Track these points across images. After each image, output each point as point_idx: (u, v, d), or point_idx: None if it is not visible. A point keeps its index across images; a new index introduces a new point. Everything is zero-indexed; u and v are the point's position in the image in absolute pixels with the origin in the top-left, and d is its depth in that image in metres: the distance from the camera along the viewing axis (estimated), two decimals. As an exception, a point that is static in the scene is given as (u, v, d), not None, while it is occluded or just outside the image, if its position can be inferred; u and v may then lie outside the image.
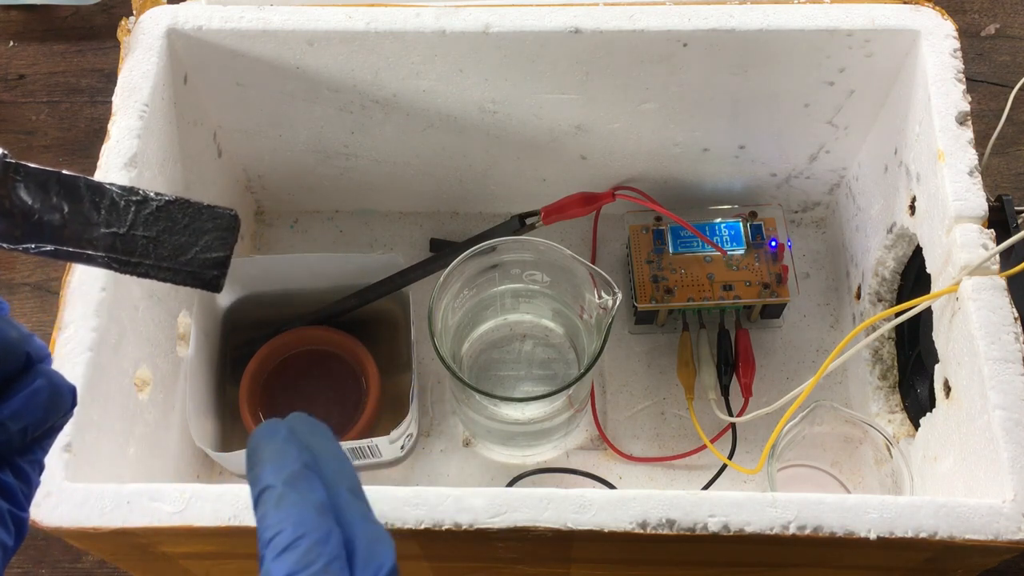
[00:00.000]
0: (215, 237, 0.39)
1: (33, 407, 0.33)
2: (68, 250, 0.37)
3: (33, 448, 0.33)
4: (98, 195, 0.37)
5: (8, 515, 0.32)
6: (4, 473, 0.33)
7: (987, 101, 0.78)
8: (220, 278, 0.39)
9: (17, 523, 0.33)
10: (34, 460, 0.34)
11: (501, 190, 0.70)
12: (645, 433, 0.65)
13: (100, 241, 0.37)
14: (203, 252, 0.39)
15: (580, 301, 0.61)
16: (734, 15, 0.58)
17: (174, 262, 0.38)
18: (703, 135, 0.65)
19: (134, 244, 0.38)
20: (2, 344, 0.32)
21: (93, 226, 0.37)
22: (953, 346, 0.51)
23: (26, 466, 0.33)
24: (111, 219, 0.37)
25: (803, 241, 0.72)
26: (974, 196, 0.52)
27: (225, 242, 0.39)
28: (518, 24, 0.58)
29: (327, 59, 0.59)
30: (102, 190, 0.37)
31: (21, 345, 0.33)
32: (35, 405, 0.33)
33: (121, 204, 0.38)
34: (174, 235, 0.38)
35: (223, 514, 0.45)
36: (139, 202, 0.38)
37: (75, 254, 0.37)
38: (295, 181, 0.70)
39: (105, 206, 0.37)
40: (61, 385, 0.34)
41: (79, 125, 0.79)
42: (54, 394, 0.33)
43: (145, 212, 0.38)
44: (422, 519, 0.45)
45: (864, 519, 0.44)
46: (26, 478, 0.33)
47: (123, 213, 0.38)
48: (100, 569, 0.63)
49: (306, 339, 0.66)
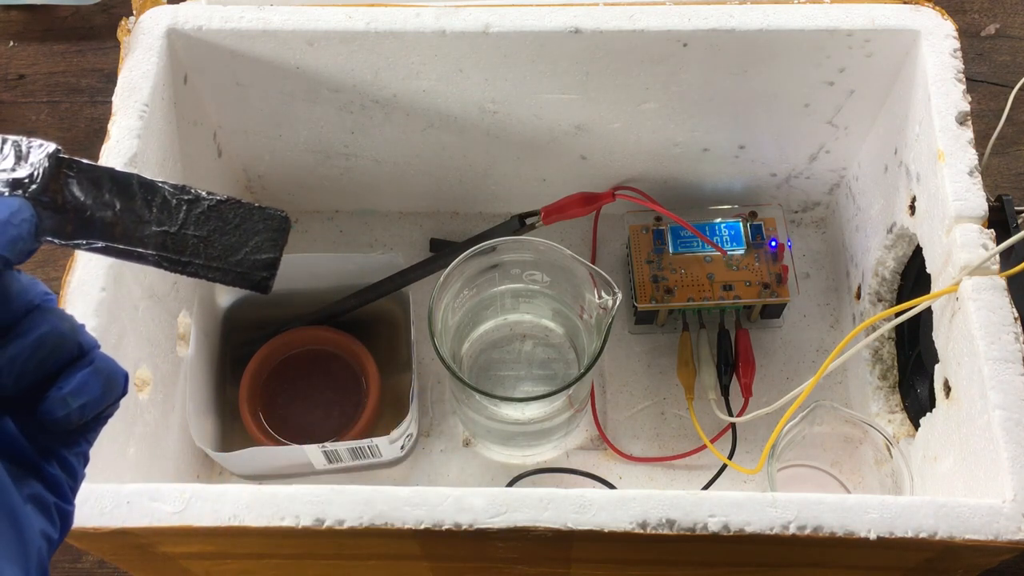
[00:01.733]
0: (266, 238, 0.39)
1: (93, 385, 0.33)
2: (119, 247, 0.37)
3: (79, 440, 0.34)
4: (150, 193, 0.37)
5: (55, 508, 0.32)
6: (52, 466, 0.33)
7: (987, 101, 0.78)
8: (270, 279, 0.39)
9: (63, 516, 0.33)
10: (80, 452, 0.34)
11: (501, 190, 0.70)
12: (645, 433, 0.65)
13: (151, 239, 0.37)
14: (253, 253, 0.39)
15: (580, 301, 0.61)
16: (734, 15, 0.58)
17: (224, 262, 0.38)
18: (703, 135, 0.65)
19: (185, 243, 0.38)
20: (58, 335, 0.32)
21: (144, 224, 0.37)
22: (953, 346, 0.51)
23: (72, 459, 0.33)
24: (162, 217, 0.37)
25: (803, 241, 0.72)
26: (974, 196, 0.52)
27: (275, 243, 0.39)
28: (518, 24, 0.58)
29: (327, 59, 0.59)
30: (154, 188, 0.37)
31: (74, 336, 0.33)
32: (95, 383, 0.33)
33: (173, 203, 0.38)
34: (225, 235, 0.38)
35: (223, 514, 0.45)
36: (191, 201, 0.38)
37: (126, 251, 0.37)
38: (295, 181, 0.70)
39: (157, 204, 0.37)
40: (115, 370, 0.34)
41: (79, 125, 0.79)
42: (111, 375, 0.34)
43: (196, 211, 0.38)
44: (422, 519, 0.45)
45: (864, 519, 0.44)
46: (72, 471, 0.33)
47: (175, 212, 0.38)
48: (100, 569, 0.63)
49: (306, 339, 0.66)
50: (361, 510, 0.45)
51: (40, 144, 0.35)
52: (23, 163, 0.35)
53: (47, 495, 0.32)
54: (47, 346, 0.32)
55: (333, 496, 0.45)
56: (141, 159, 0.54)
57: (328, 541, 0.46)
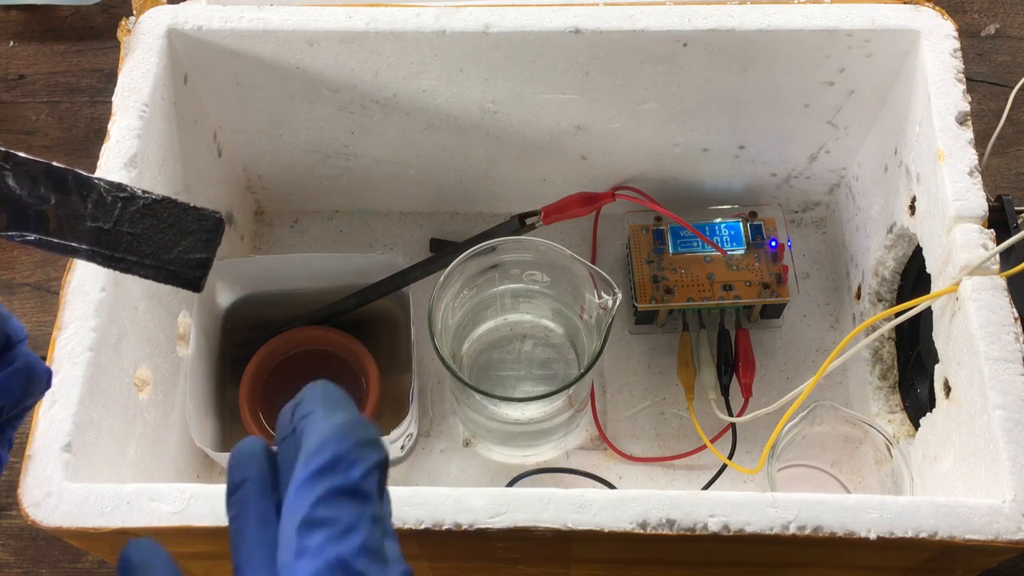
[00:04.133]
0: (199, 238, 0.39)
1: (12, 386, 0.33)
2: (52, 240, 0.37)
3: (4, 427, 0.34)
4: (86, 189, 0.38)
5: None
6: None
7: (987, 101, 0.78)
8: (201, 279, 0.39)
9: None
10: (4, 439, 0.34)
11: (501, 190, 0.70)
12: (645, 433, 0.65)
13: (85, 234, 0.38)
14: (186, 252, 0.39)
15: (580, 301, 0.61)
16: (734, 15, 0.58)
17: (156, 260, 0.39)
18: (703, 135, 0.65)
19: (118, 240, 0.38)
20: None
21: (79, 219, 0.38)
22: (953, 346, 0.51)
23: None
24: (97, 213, 0.38)
25: (803, 241, 0.72)
26: (974, 196, 0.52)
27: (208, 244, 0.39)
28: (518, 24, 0.58)
29: (327, 59, 0.59)
30: (90, 184, 0.38)
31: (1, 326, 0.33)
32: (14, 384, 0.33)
33: (108, 199, 0.38)
34: (158, 233, 0.39)
35: (223, 514, 0.45)
36: (126, 199, 0.38)
37: (58, 245, 0.37)
38: (295, 181, 0.70)
39: (92, 200, 0.38)
40: (38, 367, 0.34)
41: (79, 125, 0.79)
42: (31, 375, 0.34)
43: (132, 209, 0.38)
44: (422, 519, 0.45)
45: (864, 519, 0.44)
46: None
47: (110, 208, 0.38)
48: (100, 569, 0.63)
49: (306, 339, 0.66)
50: (361, 510, 0.45)
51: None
52: None
53: None
54: None
55: (333, 496, 0.45)
56: (141, 159, 0.54)
57: (328, 541, 0.46)
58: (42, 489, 0.45)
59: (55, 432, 0.46)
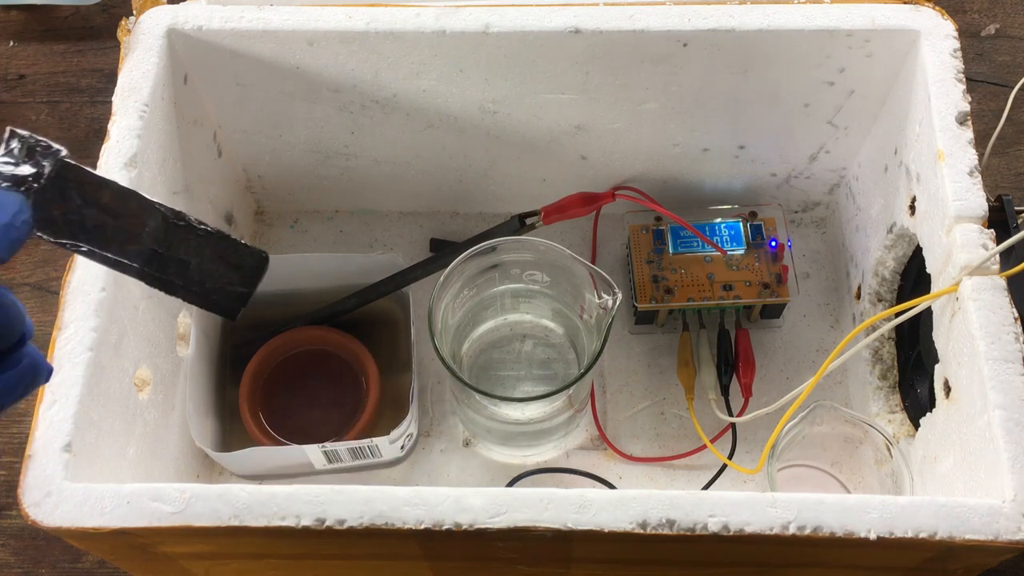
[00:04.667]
0: (244, 274, 0.41)
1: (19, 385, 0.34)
2: (106, 255, 0.38)
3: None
4: (147, 213, 0.39)
5: None
6: None
7: (987, 101, 0.78)
8: (238, 311, 0.41)
9: None
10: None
11: (501, 190, 0.70)
12: (645, 433, 0.65)
13: (139, 254, 0.39)
14: (230, 284, 0.41)
15: (580, 301, 0.61)
16: (734, 15, 0.58)
17: (201, 287, 0.40)
18: (703, 135, 0.65)
19: (169, 264, 0.40)
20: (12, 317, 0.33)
21: (136, 239, 0.39)
22: (953, 346, 0.51)
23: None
24: (155, 237, 0.39)
25: (803, 241, 0.72)
26: (974, 196, 0.52)
27: (251, 280, 0.41)
28: (518, 24, 0.58)
29: (327, 59, 0.59)
30: (152, 209, 0.39)
31: (22, 322, 0.34)
32: (22, 384, 0.34)
33: (167, 226, 0.39)
34: (207, 263, 0.40)
35: (223, 514, 0.45)
36: (184, 228, 0.40)
37: (111, 260, 0.39)
38: (295, 181, 0.70)
39: (152, 224, 0.39)
40: (42, 365, 0.35)
41: (79, 125, 0.79)
42: (36, 374, 0.34)
43: (187, 238, 0.40)
44: (422, 519, 0.45)
45: (864, 519, 0.44)
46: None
47: (168, 234, 0.39)
48: (100, 569, 0.63)
49: (306, 339, 0.66)
50: (361, 510, 0.45)
51: (48, 145, 0.36)
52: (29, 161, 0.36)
53: None
54: None
55: (333, 496, 0.45)
56: (141, 159, 0.54)
57: (328, 541, 0.46)
58: (42, 489, 0.45)
59: (55, 432, 0.46)
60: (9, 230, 0.33)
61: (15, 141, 0.36)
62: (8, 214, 0.33)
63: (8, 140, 0.36)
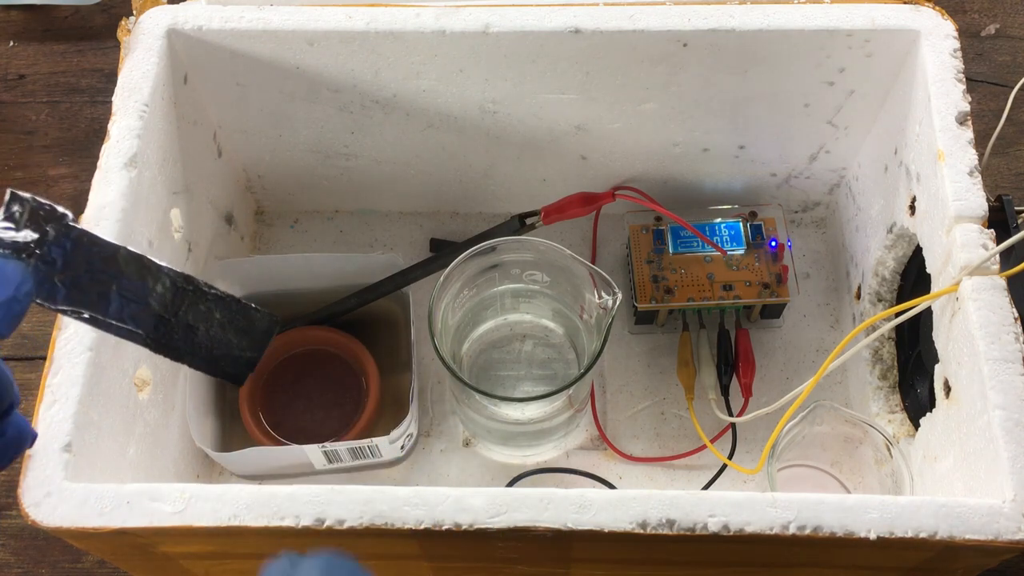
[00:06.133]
0: (252, 339, 0.40)
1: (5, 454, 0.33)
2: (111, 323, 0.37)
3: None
4: (155, 278, 0.37)
5: None
6: None
7: (987, 101, 0.78)
8: (245, 376, 0.40)
9: None
10: None
11: (501, 190, 0.70)
12: (645, 433, 0.65)
13: (144, 321, 0.37)
14: (238, 350, 0.39)
15: (580, 301, 0.61)
16: (734, 15, 0.58)
17: (209, 354, 0.39)
18: (703, 135, 0.65)
19: (176, 330, 0.38)
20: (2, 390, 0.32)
21: (142, 305, 0.37)
22: (953, 346, 0.51)
23: None
24: (162, 303, 0.37)
25: (803, 241, 0.72)
26: (974, 196, 0.52)
27: (259, 345, 0.40)
28: (518, 24, 0.58)
29: (327, 59, 0.59)
30: (160, 274, 0.37)
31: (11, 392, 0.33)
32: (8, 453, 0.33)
33: (175, 291, 0.38)
34: (215, 328, 0.39)
35: (223, 514, 0.45)
36: (192, 292, 0.38)
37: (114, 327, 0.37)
38: (295, 181, 0.70)
39: (159, 290, 0.37)
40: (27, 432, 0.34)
41: (79, 125, 0.79)
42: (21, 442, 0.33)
43: (195, 303, 0.38)
44: (422, 519, 0.45)
45: (864, 519, 0.44)
46: None
47: (176, 299, 0.38)
48: (100, 569, 0.63)
49: (306, 339, 0.66)
50: (361, 510, 0.45)
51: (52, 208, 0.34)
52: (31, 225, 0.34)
53: None
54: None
55: (333, 496, 0.45)
56: (141, 159, 0.54)
57: (328, 541, 0.46)
58: (42, 489, 0.45)
59: (55, 432, 0.46)
60: (12, 305, 0.32)
61: (16, 204, 0.34)
62: (11, 287, 0.32)
63: (9, 203, 0.34)
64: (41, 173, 0.76)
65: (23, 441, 0.34)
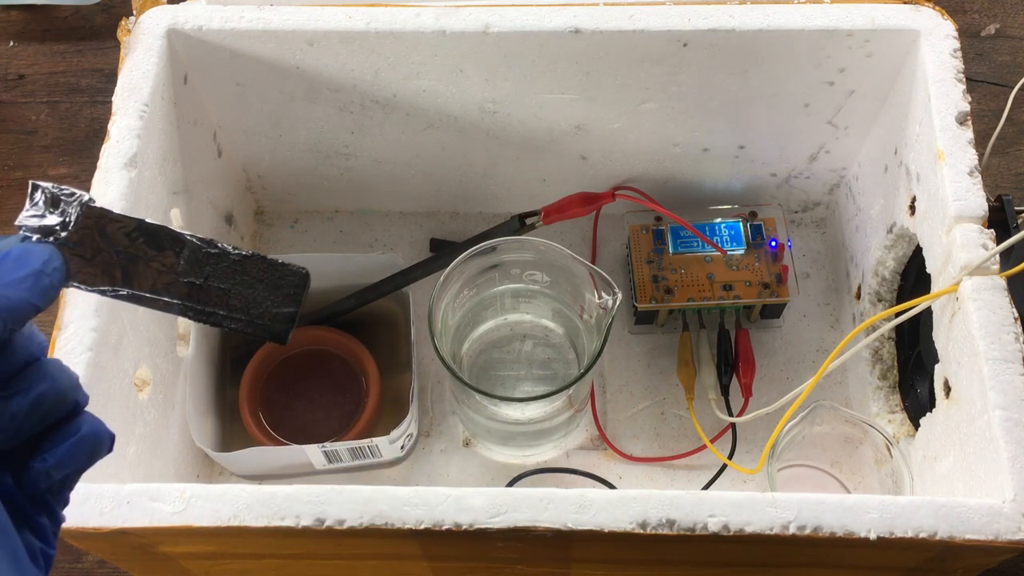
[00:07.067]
0: (286, 293, 0.40)
1: (78, 455, 0.33)
2: (145, 295, 0.38)
3: (63, 490, 0.34)
4: (179, 245, 0.39)
5: (40, 553, 0.33)
6: (40, 515, 0.33)
7: (987, 101, 0.78)
8: (288, 332, 0.40)
9: (46, 559, 0.33)
10: (63, 499, 0.34)
11: (501, 190, 0.70)
12: (645, 433, 0.65)
13: (177, 289, 0.39)
14: (274, 306, 0.40)
15: (580, 301, 0.61)
16: (734, 15, 0.58)
17: (247, 314, 0.40)
18: (703, 135, 0.65)
19: (209, 294, 0.39)
20: (56, 392, 0.32)
21: (171, 274, 0.38)
22: (953, 346, 0.51)
23: (56, 507, 0.34)
24: (190, 269, 0.39)
25: (803, 241, 0.72)
26: (974, 196, 0.52)
27: (295, 298, 0.40)
28: (518, 24, 0.58)
29: (327, 59, 0.59)
30: (182, 240, 0.39)
31: (72, 393, 0.33)
32: (80, 453, 0.33)
33: (200, 255, 0.39)
34: (247, 288, 0.40)
35: (223, 514, 0.45)
36: (217, 255, 0.39)
37: (151, 300, 0.38)
38: (295, 181, 0.70)
39: (185, 256, 0.39)
40: (103, 433, 0.34)
41: (79, 125, 0.79)
42: (97, 442, 0.34)
43: (223, 265, 0.39)
44: (422, 519, 0.45)
45: (864, 519, 0.44)
46: (56, 518, 0.34)
47: (202, 264, 0.39)
48: (100, 569, 0.63)
49: (306, 339, 0.66)
50: (361, 510, 0.45)
51: (71, 192, 0.36)
52: (54, 210, 0.36)
53: (35, 541, 0.33)
54: (45, 404, 0.32)
55: (333, 496, 0.45)
56: (141, 159, 0.54)
57: (328, 541, 0.46)
58: (42, 489, 0.45)
59: (55, 432, 0.46)
60: (41, 277, 0.33)
61: (38, 193, 0.36)
62: (39, 261, 0.33)
63: (32, 193, 0.36)
64: (41, 173, 0.76)
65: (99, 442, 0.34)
